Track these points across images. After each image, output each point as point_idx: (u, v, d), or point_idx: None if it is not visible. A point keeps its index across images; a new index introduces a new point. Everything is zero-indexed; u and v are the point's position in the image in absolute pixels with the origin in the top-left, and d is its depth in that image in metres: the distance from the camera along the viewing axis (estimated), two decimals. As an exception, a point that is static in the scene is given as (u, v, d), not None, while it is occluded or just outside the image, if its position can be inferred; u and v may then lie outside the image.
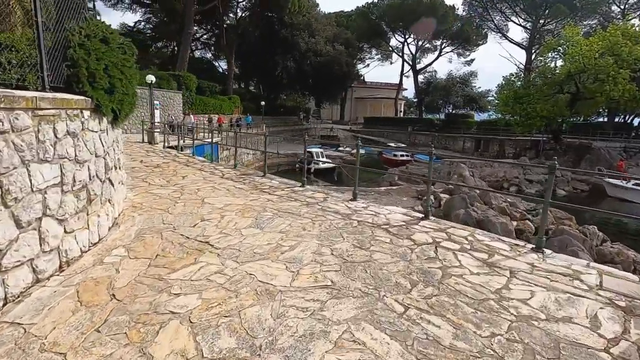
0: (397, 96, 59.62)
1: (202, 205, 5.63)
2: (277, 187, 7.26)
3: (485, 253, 3.99)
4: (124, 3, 44.14)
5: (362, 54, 59.58)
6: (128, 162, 9.67)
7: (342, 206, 5.87)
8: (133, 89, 4.73)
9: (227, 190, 6.82)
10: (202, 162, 10.67)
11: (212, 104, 31.98)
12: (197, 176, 8.22)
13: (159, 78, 24.76)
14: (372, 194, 17.90)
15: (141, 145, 14.27)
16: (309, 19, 44.79)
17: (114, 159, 4.57)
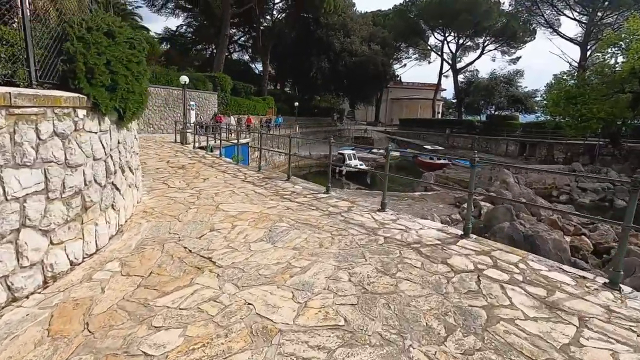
0: (435, 97, 57.35)
1: (216, 212, 5.22)
2: (299, 193, 6.73)
3: (543, 288, 3.19)
4: (168, 8, 45.81)
5: (398, 53, 57.96)
6: (155, 163, 9.61)
7: (367, 218, 5.22)
8: (142, 87, 4.40)
9: (245, 195, 6.39)
10: (228, 163, 10.41)
11: (246, 105, 32.29)
12: (219, 179, 7.91)
13: (195, 79, 25.28)
14: (405, 199, 16.96)
15: (172, 146, 14.39)
16: (344, 18, 44.20)
17: (119, 162, 4.26)
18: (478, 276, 3.38)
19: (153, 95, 21.42)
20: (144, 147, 13.05)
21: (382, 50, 44.49)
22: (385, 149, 5.76)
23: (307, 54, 44.54)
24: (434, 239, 4.40)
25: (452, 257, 3.81)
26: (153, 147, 13.29)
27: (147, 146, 13.58)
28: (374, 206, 5.97)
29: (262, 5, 41.46)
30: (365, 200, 6.79)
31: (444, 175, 27.50)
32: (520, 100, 40.07)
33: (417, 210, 14.76)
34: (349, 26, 44.09)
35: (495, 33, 44.68)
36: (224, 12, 31.64)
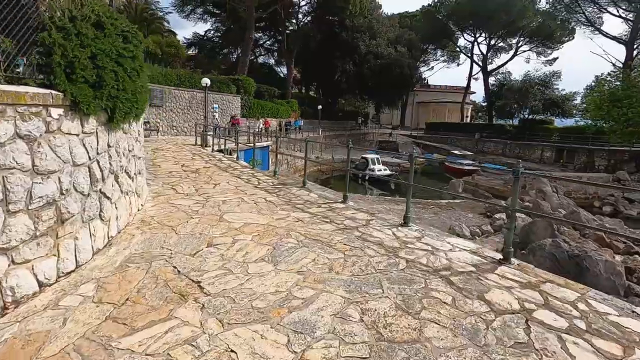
0: (464, 100, 55.38)
1: (219, 223, 4.73)
2: (313, 202, 6.16)
3: (615, 342, 2.44)
4: (197, 14, 46.73)
5: (426, 56, 56.51)
6: (169, 166, 9.34)
7: (388, 234, 4.56)
8: (136, 85, 3.98)
9: (255, 203, 5.89)
10: (244, 168, 10.01)
11: (269, 108, 32.19)
12: (231, 184, 7.47)
13: (218, 82, 25.39)
14: (430, 208, 16.02)
15: (192, 148, 14.22)
16: (370, 20, 43.46)
17: (109, 167, 3.84)
18: (526, 320, 2.66)
19: (177, 97, 21.61)
20: (163, 150, 12.93)
21: (408, 53, 43.34)
22: (409, 156, 5.07)
23: (332, 56, 44.08)
24: (467, 264, 3.69)
25: (491, 291, 3.09)
26: (172, 150, 13.15)
27: (166, 148, 13.47)
28: (395, 220, 5.30)
29: (287, 8, 41.51)
30: (387, 212, 6.13)
31: (472, 182, 26.15)
32: (557, 103, 37.69)
33: (444, 220, 13.82)
34: (374, 28, 43.29)
35: (530, 33, 42.47)
36: (249, 15, 31.74)
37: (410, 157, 5.18)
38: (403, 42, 44.50)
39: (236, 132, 12.93)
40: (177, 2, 42.53)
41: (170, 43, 23.00)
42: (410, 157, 5.18)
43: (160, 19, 26.93)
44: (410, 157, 5.19)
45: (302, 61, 48.45)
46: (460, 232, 12.32)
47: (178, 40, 25.78)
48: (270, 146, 21.00)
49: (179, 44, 24.36)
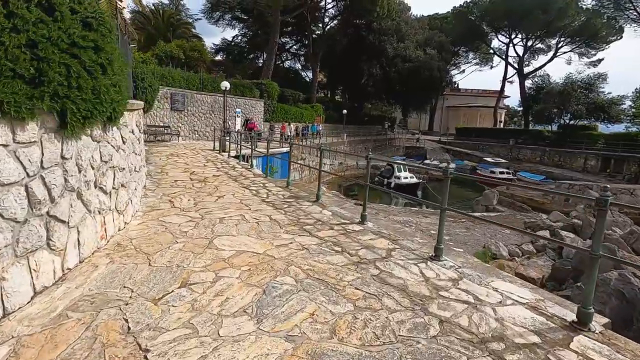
0: (497, 104, 52.61)
1: (206, 250, 3.91)
2: (325, 223, 5.23)
3: None
4: (225, 20, 47.47)
5: (457, 58, 54.33)
6: (177, 174, 8.74)
7: (414, 273, 3.55)
8: (101, 82, 3.23)
9: (256, 222, 5.04)
10: (256, 177, 9.24)
11: (293, 112, 31.64)
12: (236, 197, 6.69)
13: (241, 86, 25.10)
14: (462, 221, 14.62)
15: (208, 154, 13.70)
16: (398, 23, 42.21)
17: (63, 185, 3.10)
18: None
19: (199, 101, 21.41)
20: (178, 155, 12.46)
21: (438, 55, 41.64)
22: (443, 169, 4.02)
23: (358, 60, 43.13)
24: (526, 329, 2.63)
25: (573, 387, 2.04)
26: (187, 156, 12.65)
27: (182, 154, 13.00)
28: (424, 250, 4.27)
29: (313, 12, 41.07)
30: (413, 235, 5.10)
31: (507, 193, 24.28)
32: (603, 108, 34.67)
33: (478, 236, 12.45)
34: (403, 30, 41.98)
35: (572, 33, 39.64)
36: (274, 19, 31.43)
37: (445, 170, 4.11)
38: (433, 44, 42.87)
39: (251, 137, 12.21)
40: (206, 8, 43.31)
41: (194, 47, 22.93)
42: (445, 170, 4.11)
43: (187, 24, 27.11)
44: (444, 171, 4.12)
45: (327, 65, 47.84)
46: (497, 251, 10.97)
47: (202, 44, 25.76)
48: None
49: (203, 48, 24.29)
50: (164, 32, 24.73)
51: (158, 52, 21.49)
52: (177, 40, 23.27)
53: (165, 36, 23.88)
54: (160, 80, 18.68)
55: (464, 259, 4.35)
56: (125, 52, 8.25)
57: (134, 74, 8.29)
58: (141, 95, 8.32)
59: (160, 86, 18.47)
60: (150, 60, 19.77)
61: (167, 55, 21.21)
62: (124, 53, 5.03)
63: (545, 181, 29.67)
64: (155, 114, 18.44)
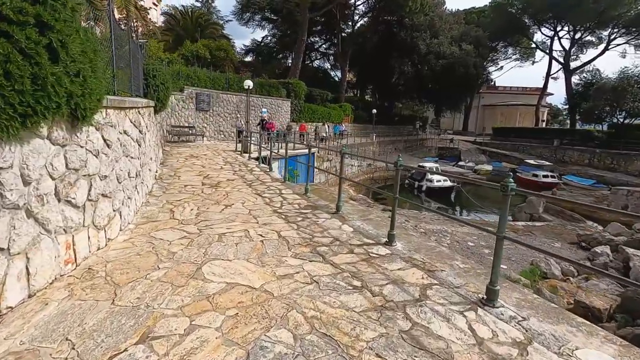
0: (540, 102, 49.14)
1: (189, 281, 3.12)
2: (344, 243, 4.31)
3: None
4: (255, 20, 47.67)
5: (495, 54, 51.30)
6: (189, 178, 8.14)
7: (461, 330, 2.56)
8: (47, 70, 2.50)
9: (261, 241, 4.22)
10: (274, 181, 8.47)
11: (320, 112, 30.84)
12: (246, 206, 5.92)
13: (268, 86, 24.61)
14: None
15: (228, 155, 13.15)
16: (432, 18, 40.29)
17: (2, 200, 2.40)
18: None
19: (224, 101, 21.10)
20: (197, 157, 11.99)
21: (475, 51, 39.26)
22: (502, 185, 2.98)
23: (389, 57, 41.65)
24: None
25: None
26: (207, 157, 12.15)
27: (202, 155, 12.53)
28: (469, 288, 3.25)
29: (342, 10, 40.10)
30: (451, 262, 4.08)
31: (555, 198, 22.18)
32: (663, 105, 31.15)
33: (523, 251, 11.02)
34: (437, 26, 40.02)
35: (628, 22, 36.08)
36: (302, 16, 30.78)
37: (506, 186, 3.04)
38: (469, 39, 40.54)
39: (269, 138, 11.48)
40: (236, 10, 43.56)
41: (220, 46, 22.67)
42: (506, 186, 3.04)
43: (215, 24, 27.06)
44: (504, 186, 3.04)
45: (357, 64, 46.69)
46: (547, 269, 9.57)
47: (228, 43, 25.48)
48: (316, 154, 19.48)
49: (229, 47, 23.98)
50: (192, 33, 24.77)
51: (184, 52, 21.41)
52: (203, 40, 23.16)
53: (193, 37, 23.87)
54: (185, 80, 18.53)
55: (521, 295, 3.28)
56: (135, 49, 7.77)
57: (144, 71, 7.78)
58: (152, 94, 7.76)
59: (185, 86, 18.32)
60: (177, 61, 19.69)
61: (193, 55, 21.07)
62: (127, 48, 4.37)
63: (596, 186, 26.98)
64: (180, 114, 18.27)
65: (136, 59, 6.95)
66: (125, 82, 5.86)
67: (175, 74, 17.78)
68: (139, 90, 7.01)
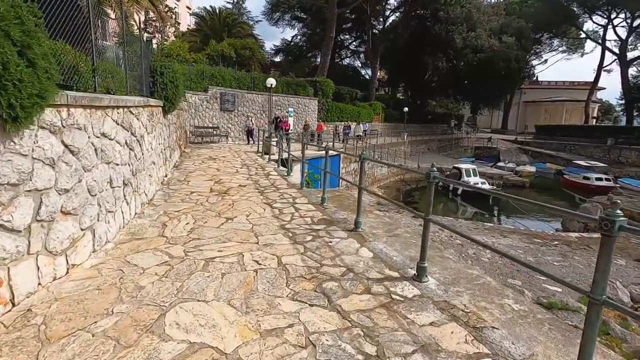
0: (590, 97, 45.10)
1: (141, 338, 2.32)
2: (360, 275, 3.36)
3: None
4: (285, 20, 47.51)
5: (538, 46, 47.69)
6: (199, 183, 7.51)
7: None
8: None
9: (254, 272, 3.36)
10: (290, 187, 7.64)
11: (349, 111, 29.81)
12: (251, 218, 5.12)
13: (294, 84, 23.94)
14: (554, 245, 11.53)
15: (247, 157, 12.53)
16: (469, 10, 37.95)
17: None
18: None
19: (249, 101, 20.64)
20: (215, 159, 11.46)
21: (516, 43, 36.47)
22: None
23: (422, 53, 39.80)
24: None
25: None
26: (225, 159, 11.59)
27: (221, 157, 11.99)
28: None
29: (373, 5, 38.73)
30: (501, 301, 3.03)
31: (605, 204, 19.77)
32: None
33: (580, 269, 9.47)
34: (474, 18, 37.62)
35: (698, 6, 32.00)
36: (330, 12, 29.83)
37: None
38: (510, 31, 37.75)
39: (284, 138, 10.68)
40: (266, 10, 43.47)
41: (245, 45, 22.24)
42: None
43: (242, 23, 26.80)
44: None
45: (388, 61, 45.15)
46: (613, 294, 8.03)
47: (254, 41, 25.01)
48: (342, 155, 18.51)
49: (255, 46, 23.48)
50: (219, 33, 24.60)
51: (210, 52, 21.17)
52: (229, 39, 22.86)
53: (220, 37, 23.69)
54: (210, 80, 18.22)
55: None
56: (146, 49, 7.21)
57: (151, 68, 7.20)
58: (160, 92, 7.17)
59: (209, 86, 18.00)
60: (202, 60, 19.46)
61: (218, 54, 20.76)
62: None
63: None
64: (204, 115, 17.98)
65: (137, 54, 6.36)
66: (120, 78, 5.24)
67: (199, 74, 17.49)
68: (143, 89, 6.42)
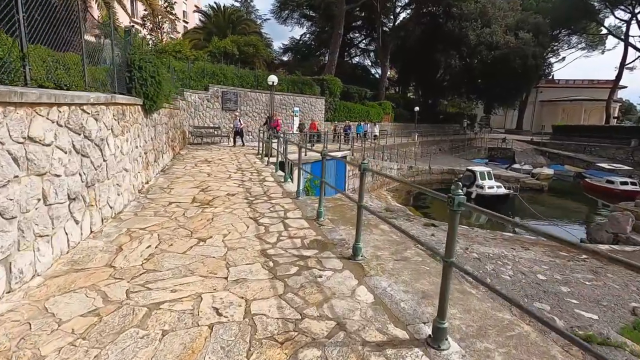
0: (611, 96, 43.11)
1: None
2: (353, 334, 2.41)
3: None
4: (293, 18, 46.84)
5: (556, 44, 45.81)
6: (182, 191, 6.66)
7: None
8: None
9: (209, 328, 2.45)
10: (285, 196, 6.73)
11: (357, 110, 28.81)
12: (229, 239, 4.24)
13: (300, 83, 23.06)
14: (584, 261, 10.34)
15: (246, 160, 11.68)
16: (483, 5, 36.48)
17: None
18: None
19: (253, 100, 19.83)
20: (210, 162, 10.64)
21: (533, 39, 34.86)
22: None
23: (434, 51, 38.48)
24: None
25: None
26: (221, 162, 10.76)
27: (217, 160, 11.17)
28: None
29: (383, 2, 37.57)
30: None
31: (635, 211, 18.37)
32: None
33: (616, 289, 8.30)
34: (489, 14, 36.14)
35: None
36: (338, 8, 28.85)
37: None
38: (527, 27, 36.16)
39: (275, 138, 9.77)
40: (275, 8, 42.73)
41: (249, 42, 21.41)
42: None
43: (247, 20, 26.05)
44: None
45: (399, 59, 43.93)
46: None
47: (258, 38, 24.09)
48: (349, 157, 17.54)
49: (259, 43, 22.61)
50: (224, 30, 23.86)
51: (212, 49, 20.42)
52: (232, 36, 22.07)
53: (224, 34, 22.96)
54: (210, 78, 17.45)
55: None
56: (122, 39, 6.41)
57: (128, 62, 6.38)
58: (139, 89, 6.34)
59: (210, 84, 17.24)
60: (203, 58, 18.69)
61: (220, 51, 19.98)
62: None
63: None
64: (205, 114, 17.22)
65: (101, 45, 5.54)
66: (78, 71, 4.41)
67: (199, 72, 16.73)
68: (115, 84, 5.59)
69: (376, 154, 23.13)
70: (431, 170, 28.39)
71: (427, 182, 27.61)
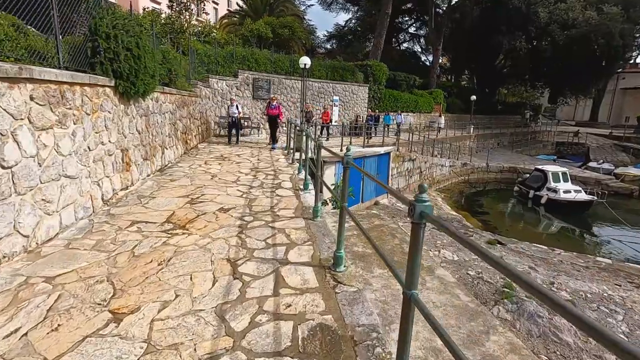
0: None
1: None
2: None
3: None
4: (338, 3, 44.55)
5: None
6: (164, 202, 4.96)
7: None
8: None
9: None
10: (295, 217, 4.75)
11: (404, 100, 25.99)
12: (162, 319, 2.35)
13: (341, 69, 20.80)
14: None
15: (270, 157, 9.89)
16: (559, -25, 31.34)
17: None
18: None
19: (287, 88, 18.00)
20: (224, 160, 8.97)
21: (622, 14, 29.17)
22: None
23: (495, 33, 33.95)
24: None
25: None
26: (236, 161, 9.04)
27: (234, 156, 9.49)
28: None
29: (438, -23, 33.77)
30: None
31: None
32: None
33: None
34: (565, -15, 30.99)
35: None
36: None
37: None
38: (613, 0, 30.47)
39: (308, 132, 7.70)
40: (319, -7, 40.49)
41: (284, 23, 19.48)
42: None
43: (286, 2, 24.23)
44: None
45: (452, 44, 39.73)
46: None
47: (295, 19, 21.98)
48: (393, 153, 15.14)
49: (296, 24, 20.55)
50: (260, 13, 22.26)
51: (244, 32, 18.81)
52: (266, 18, 20.32)
53: (261, 17, 21.34)
54: (240, 64, 15.86)
55: None
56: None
57: (91, 28, 4.72)
58: (107, 65, 4.67)
59: (239, 70, 15.65)
60: (233, 41, 17.12)
61: (253, 35, 18.33)
62: None
63: None
64: (233, 104, 15.70)
65: None
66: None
67: (227, 56, 15.18)
68: (60, 57, 3.94)
69: (425, 149, 20.34)
70: (489, 167, 24.89)
71: (483, 181, 24.21)
